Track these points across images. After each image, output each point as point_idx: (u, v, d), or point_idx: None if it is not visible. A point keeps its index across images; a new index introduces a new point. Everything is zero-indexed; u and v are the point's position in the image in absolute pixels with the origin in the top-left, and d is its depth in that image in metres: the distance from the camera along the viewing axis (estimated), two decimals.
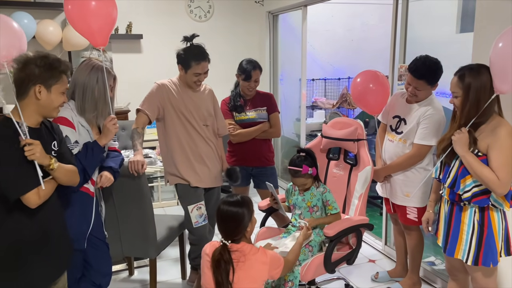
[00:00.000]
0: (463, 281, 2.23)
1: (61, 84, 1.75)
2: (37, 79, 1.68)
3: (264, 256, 1.86)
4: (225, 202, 1.89)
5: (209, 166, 2.77)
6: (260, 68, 3.05)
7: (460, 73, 1.96)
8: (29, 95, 1.68)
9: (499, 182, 1.86)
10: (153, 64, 4.71)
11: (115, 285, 3.02)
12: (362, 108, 2.85)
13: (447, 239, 2.08)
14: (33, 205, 1.65)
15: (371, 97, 2.71)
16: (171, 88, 2.67)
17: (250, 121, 3.10)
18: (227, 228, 1.86)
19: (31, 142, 1.62)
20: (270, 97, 3.19)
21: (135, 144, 2.55)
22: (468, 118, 1.94)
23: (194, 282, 2.90)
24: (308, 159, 2.44)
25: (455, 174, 2.00)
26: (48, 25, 4.14)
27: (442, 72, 2.48)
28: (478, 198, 1.95)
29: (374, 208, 4.29)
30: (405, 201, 2.66)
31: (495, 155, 1.88)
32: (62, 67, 1.74)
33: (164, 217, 2.99)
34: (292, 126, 5.27)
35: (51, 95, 1.72)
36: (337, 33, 5.44)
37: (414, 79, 2.48)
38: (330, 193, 2.48)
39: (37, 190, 1.65)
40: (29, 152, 1.61)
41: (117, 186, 2.38)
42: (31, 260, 1.71)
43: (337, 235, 2.35)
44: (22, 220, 1.68)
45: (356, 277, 3.08)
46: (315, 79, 5.46)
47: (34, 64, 1.68)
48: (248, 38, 5.27)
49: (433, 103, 2.54)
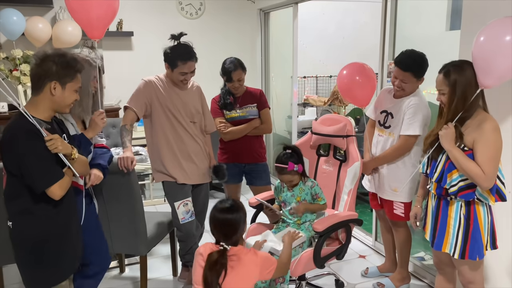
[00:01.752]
0: (451, 275, 2.26)
1: (75, 82, 1.82)
2: (53, 76, 1.75)
3: (254, 257, 1.86)
4: (220, 210, 1.85)
5: (196, 163, 2.77)
6: (242, 67, 3.01)
7: (445, 70, 1.98)
8: (44, 90, 1.76)
9: (485, 177, 1.88)
10: (144, 62, 4.69)
11: (106, 283, 3.01)
12: (349, 100, 2.88)
13: (435, 233, 2.11)
14: (57, 197, 1.75)
15: (357, 89, 2.73)
16: (158, 85, 2.67)
17: (240, 118, 3.11)
18: (225, 234, 1.83)
19: (51, 137, 1.72)
20: (260, 93, 3.19)
21: (124, 141, 2.55)
22: (455, 114, 1.96)
23: (185, 279, 2.91)
24: (294, 156, 2.46)
25: (442, 168, 2.02)
26: (38, 22, 4.10)
27: (427, 65, 2.52)
28: (464, 192, 1.97)
29: (365, 204, 4.31)
30: (392, 196, 2.69)
31: (480, 149, 1.91)
32: (78, 66, 1.83)
33: (154, 214, 2.99)
34: (284, 123, 5.29)
35: (65, 92, 1.79)
36: (328, 30, 5.46)
37: (400, 72, 2.51)
38: (318, 186, 2.52)
39: (60, 183, 1.75)
40: (52, 146, 1.71)
41: (107, 183, 2.37)
42: (58, 250, 1.84)
43: (326, 230, 2.36)
44: (48, 212, 1.79)
45: (347, 273, 3.11)
46: (306, 76, 5.48)
47: (52, 61, 1.75)
48: (239, 36, 5.27)
49: (418, 96, 2.57)
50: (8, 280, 2.95)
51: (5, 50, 4.26)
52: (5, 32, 3.95)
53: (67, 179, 1.80)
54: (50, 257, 1.83)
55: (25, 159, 1.69)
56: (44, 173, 1.72)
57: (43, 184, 1.72)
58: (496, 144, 1.91)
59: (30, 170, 1.70)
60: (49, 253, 1.82)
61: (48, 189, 1.72)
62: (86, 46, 4.47)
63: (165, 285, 3.01)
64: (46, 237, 1.81)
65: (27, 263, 1.83)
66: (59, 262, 1.86)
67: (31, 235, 1.79)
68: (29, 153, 1.69)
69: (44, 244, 1.81)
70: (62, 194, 1.77)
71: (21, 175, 1.72)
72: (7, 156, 1.73)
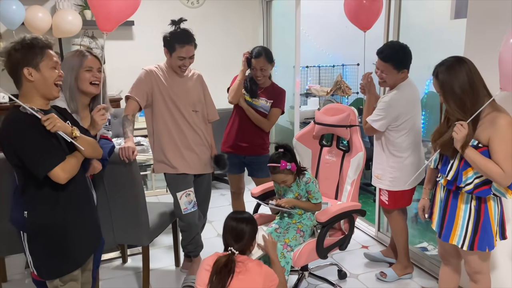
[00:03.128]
0: (456, 266, 2.24)
1: (48, 59, 1.75)
2: (23, 63, 1.70)
3: (259, 267, 1.87)
4: (235, 218, 1.94)
5: (197, 152, 2.75)
6: (268, 57, 2.95)
7: (435, 72, 1.96)
8: (24, 81, 1.72)
9: (505, 175, 1.84)
10: (144, 51, 4.64)
11: (109, 273, 3.02)
12: (354, 23, 2.95)
13: (442, 224, 2.08)
14: (62, 180, 1.71)
15: (363, 12, 2.80)
16: (159, 74, 2.65)
17: (251, 105, 3.05)
18: (235, 240, 1.89)
19: (47, 117, 1.67)
20: (281, 92, 3.10)
21: (125, 132, 2.53)
22: (457, 112, 1.91)
23: (188, 269, 2.91)
24: (287, 155, 2.37)
25: (457, 167, 1.98)
26: (37, 11, 4.06)
27: (410, 58, 2.52)
28: (480, 189, 1.94)
29: (368, 195, 4.31)
30: (377, 182, 2.76)
31: (497, 147, 1.86)
32: (41, 43, 1.74)
33: (156, 205, 2.98)
34: (286, 113, 5.22)
35: (42, 73, 1.73)
36: (331, 19, 5.39)
37: (381, 63, 2.53)
38: (313, 184, 2.41)
39: (62, 165, 1.70)
40: (50, 125, 1.66)
41: (109, 173, 2.37)
42: (70, 239, 1.83)
43: (329, 221, 2.35)
44: (57, 201, 1.77)
45: (349, 263, 3.10)
46: (309, 66, 5.43)
47: (14, 49, 1.71)
48: (241, 25, 5.21)
49: (401, 89, 2.55)
50: (10, 270, 2.96)
51: (5, 40, 4.23)
52: (5, 22, 3.91)
53: (72, 161, 1.75)
54: (62, 246, 1.82)
55: (22, 147, 1.67)
56: (43, 157, 1.68)
57: (44, 167, 1.68)
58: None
59: (29, 157, 1.68)
60: (62, 242, 1.82)
61: (50, 172, 1.68)
62: (87, 35, 4.43)
63: (167, 275, 3.01)
64: (56, 226, 1.80)
65: (40, 252, 1.83)
66: (72, 251, 1.86)
67: (42, 224, 1.78)
68: (25, 140, 1.67)
69: (56, 233, 1.80)
70: (68, 177, 1.72)
71: (23, 165, 1.71)
72: (6, 148, 1.72)
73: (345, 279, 2.89)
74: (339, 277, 2.90)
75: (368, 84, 2.69)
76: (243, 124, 3.06)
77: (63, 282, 1.85)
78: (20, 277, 2.96)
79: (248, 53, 2.92)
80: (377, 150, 2.75)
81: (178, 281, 2.92)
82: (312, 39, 5.27)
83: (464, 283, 2.29)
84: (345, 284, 2.83)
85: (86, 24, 4.37)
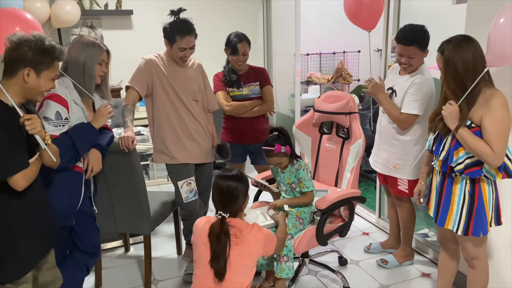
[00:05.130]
0: (454, 251, 2.25)
1: (52, 70, 1.73)
2: (27, 62, 1.65)
3: (259, 233, 1.87)
4: (223, 177, 1.89)
5: (199, 142, 2.75)
6: (247, 40, 2.97)
7: (441, 48, 1.94)
8: (17, 76, 1.66)
9: (494, 155, 1.84)
10: (144, 41, 4.61)
11: (111, 261, 3.05)
12: (356, 23, 2.81)
13: (438, 209, 2.09)
14: (20, 188, 1.61)
15: (364, 11, 2.68)
16: (159, 63, 2.64)
17: (243, 97, 3.07)
18: (225, 202, 1.86)
19: (30, 117, 1.61)
20: (262, 71, 3.14)
21: (125, 121, 2.54)
22: (455, 92, 1.90)
23: (189, 257, 2.94)
24: (281, 138, 2.40)
25: (449, 147, 1.98)
26: (36, 1, 4.03)
27: (429, 36, 2.48)
28: (471, 170, 1.94)
29: (369, 182, 4.32)
30: (395, 172, 2.68)
31: (489, 127, 1.85)
32: (56, 54, 1.72)
33: (158, 194, 3.00)
34: (287, 102, 5.24)
35: (40, 80, 1.69)
36: (332, 6, 5.34)
37: (405, 48, 2.47)
38: (304, 171, 2.41)
39: (24, 173, 1.61)
40: (30, 126, 1.60)
41: (109, 163, 2.37)
42: (21, 239, 1.71)
43: (329, 208, 2.36)
44: (10, 201, 1.65)
45: (350, 250, 3.12)
46: (310, 53, 5.40)
47: (28, 46, 1.66)
48: (241, 13, 5.17)
49: (423, 73, 2.53)
50: None
51: None
52: None
53: (33, 169, 1.66)
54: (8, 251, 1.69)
55: None
56: (7, 161, 1.58)
57: (5, 172, 1.58)
58: (505, 121, 1.86)
59: None
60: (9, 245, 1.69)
61: (11, 178, 1.58)
62: (85, 25, 4.42)
63: (169, 263, 3.04)
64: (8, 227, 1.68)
65: None
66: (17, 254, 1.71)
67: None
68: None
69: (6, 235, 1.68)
70: (26, 185, 1.62)
71: None
72: None
73: (346, 266, 2.92)
74: (340, 263, 2.92)
75: (377, 85, 2.60)
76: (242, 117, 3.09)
77: (15, 285, 1.70)
78: None
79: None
80: (390, 139, 2.65)
81: (180, 269, 2.95)
82: (313, 26, 5.22)
83: (464, 269, 2.31)
84: (345, 271, 2.85)
85: (84, 14, 4.35)
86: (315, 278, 2.80)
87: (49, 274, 1.88)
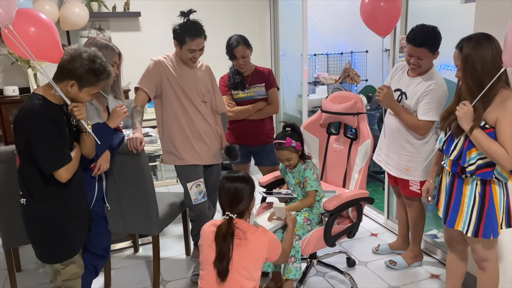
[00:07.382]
0: (462, 253, 2.24)
1: (94, 88, 1.86)
2: (75, 77, 1.79)
3: (263, 236, 1.88)
4: (230, 178, 1.91)
5: (208, 143, 2.76)
6: (246, 43, 2.94)
7: (460, 45, 1.91)
8: (63, 83, 1.81)
9: (508, 157, 1.80)
10: (152, 42, 4.66)
11: (120, 262, 3.07)
12: (371, 28, 2.71)
13: (448, 210, 2.07)
14: (64, 180, 1.81)
15: (381, 16, 2.59)
16: (168, 64, 2.65)
17: (248, 98, 3.07)
18: (232, 203, 1.87)
19: (77, 105, 1.83)
20: (268, 72, 3.13)
21: (134, 122, 2.55)
22: (471, 92, 1.87)
23: (198, 258, 2.94)
24: (294, 134, 2.42)
25: (461, 146, 1.95)
26: (45, 4, 4.07)
27: (441, 38, 2.44)
28: (482, 171, 1.91)
29: (377, 183, 4.30)
30: (407, 175, 2.65)
31: (504, 128, 1.82)
32: (103, 76, 1.85)
33: (166, 195, 3.01)
34: (294, 102, 5.23)
35: (80, 93, 1.84)
36: (339, 6, 5.33)
37: (415, 49, 2.43)
38: (310, 171, 2.41)
39: (67, 167, 1.81)
40: (78, 112, 1.83)
41: (117, 164, 2.40)
42: (74, 224, 1.94)
43: (337, 209, 2.35)
44: (58, 191, 1.85)
45: (358, 251, 3.11)
46: (317, 54, 5.38)
47: (80, 64, 1.78)
48: (248, 13, 5.17)
49: (435, 77, 2.50)
50: (24, 260, 3.03)
51: None
52: None
53: (74, 162, 1.86)
54: (61, 233, 1.90)
55: (36, 142, 1.74)
56: (54, 158, 1.78)
57: (52, 167, 1.78)
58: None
59: (41, 153, 1.76)
60: (61, 230, 1.89)
61: (56, 172, 1.79)
62: (94, 27, 4.45)
63: (177, 264, 3.05)
64: (56, 214, 1.87)
65: (40, 240, 1.90)
66: (70, 238, 1.94)
67: (42, 213, 1.85)
68: (41, 136, 1.74)
69: (55, 222, 1.87)
70: (69, 177, 1.83)
71: (30, 155, 1.76)
72: (20, 137, 1.78)
73: (354, 267, 2.90)
74: (348, 265, 2.91)
75: (389, 94, 2.53)
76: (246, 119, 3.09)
77: (63, 265, 1.95)
78: (34, 266, 3.02)
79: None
80: (402, 142, 2.62)
81: (188, 269, 2.96)
82: (320, 26, 5.20)
83: (473, 270, 2.29)
84: (354, 272, 2.84)
85: (93, 16, 4.38)
86: (323, 279, 2.79)
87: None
